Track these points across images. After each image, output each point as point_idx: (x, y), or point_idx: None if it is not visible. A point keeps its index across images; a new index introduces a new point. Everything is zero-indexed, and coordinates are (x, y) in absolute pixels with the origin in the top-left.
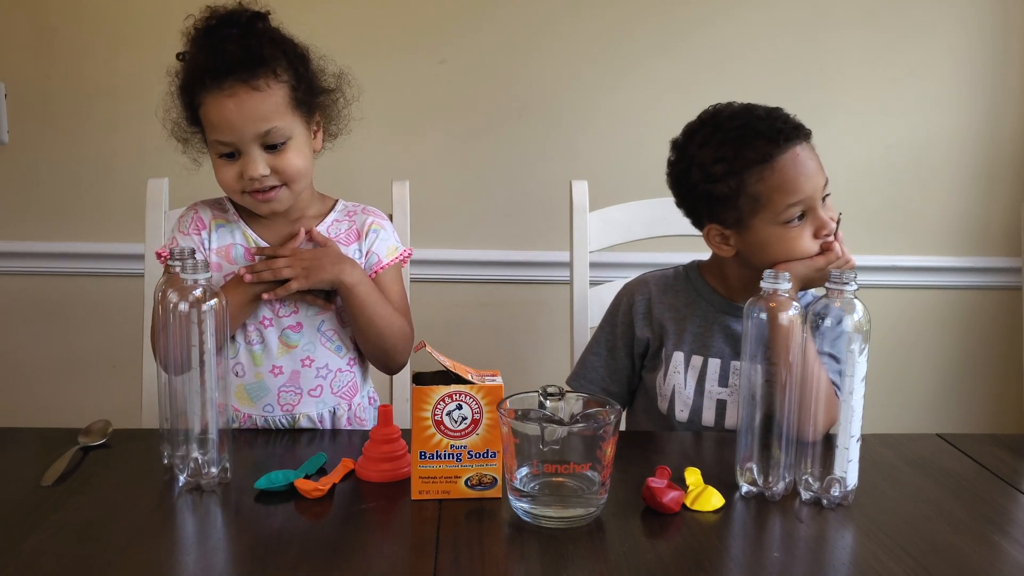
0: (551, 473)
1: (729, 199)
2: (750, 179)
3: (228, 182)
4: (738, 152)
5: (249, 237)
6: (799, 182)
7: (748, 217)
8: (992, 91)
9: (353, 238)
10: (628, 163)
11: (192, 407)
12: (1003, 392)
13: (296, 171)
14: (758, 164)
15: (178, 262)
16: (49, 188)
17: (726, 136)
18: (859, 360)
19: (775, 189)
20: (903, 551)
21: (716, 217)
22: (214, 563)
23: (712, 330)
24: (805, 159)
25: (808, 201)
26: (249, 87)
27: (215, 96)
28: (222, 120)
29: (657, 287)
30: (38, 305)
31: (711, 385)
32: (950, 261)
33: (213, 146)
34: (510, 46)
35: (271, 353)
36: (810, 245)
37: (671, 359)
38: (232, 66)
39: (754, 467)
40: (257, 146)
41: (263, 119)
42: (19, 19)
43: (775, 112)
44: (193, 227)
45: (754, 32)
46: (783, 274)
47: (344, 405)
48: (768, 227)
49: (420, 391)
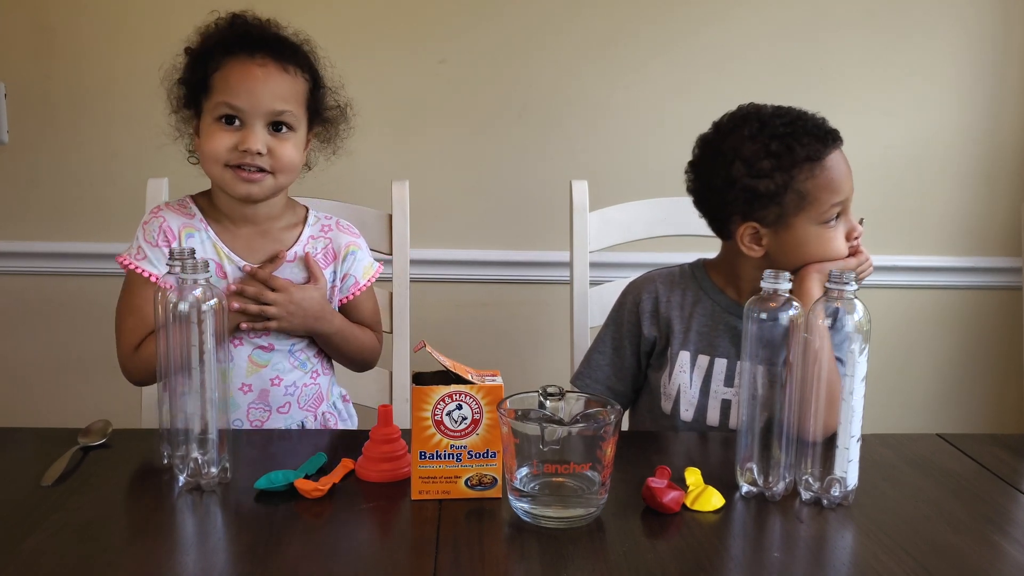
0: (551, 473)
1: (775, 196)
2: (800, 176)
3: (218, 149)
4: (790, 148)
5: (220, 251)
6: (843, 182)
7: (791, 215)
8: (992, 91)
9: (329, 259)
10: (628, 163)
11: (192, 407)
12: (1003, 392)
13: (289, 162)
14: (809, 161)
15: (178, 262)
16: (49, 188)
17: (775, 132)
18: (859, 360)
19: (823, 188)
20: (903, 551)
21: (754, 215)
22: (214, 563)
23: (718, 329)
24: (844, 161)
25: (846, 203)
26: (280, 66)
27: (243, 62)
28: (243, 84)
29: (664, 285)
30: (38, 305)
31: (717, 385)
32: (950, 261)
33: (217, 108)
34: (510, 46)
35: (240, 371)
36: (843, 246)
37: (677, 358)
38: (269, 42)
39: (754, 467)
40: (263, 123)
41: (282, 99)
42: (19, 19)
43: (816, 115)
44: (162, 237)
45: (754, 32)
46: (783, 274)
47: (310, 416)
48: (809, 226)
49: (420, 391)
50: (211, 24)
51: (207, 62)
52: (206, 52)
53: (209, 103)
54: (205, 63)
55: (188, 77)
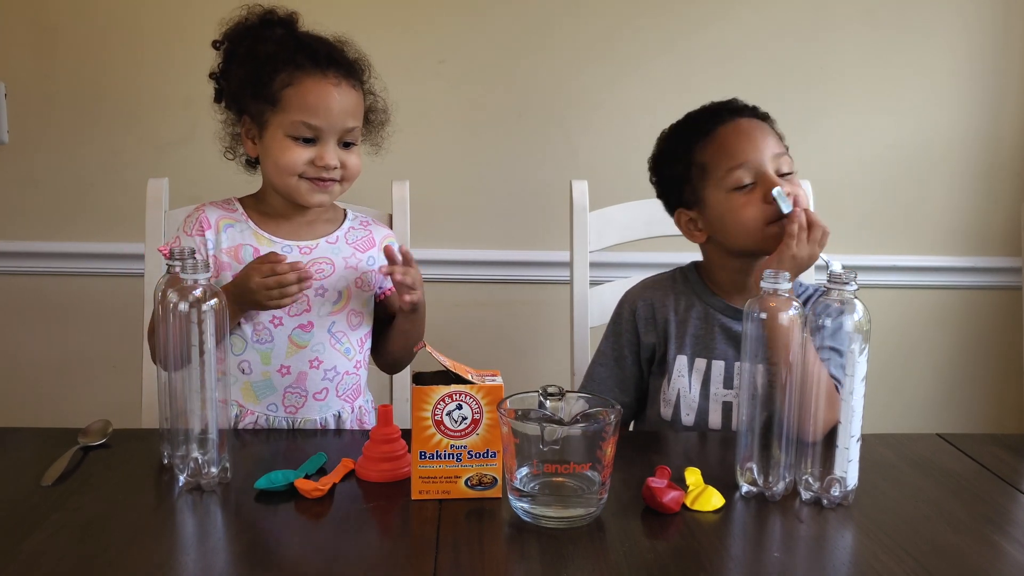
0: (551, 473)
1: (684, 176)
2: (696, 150)
3: (294, 163)
4: (686, 128)
5: (260, 236)
6: (740, 146)
7: (701, 189)
8: (992, 91)
9: (369, 245)
10: (628, 163)
11: (192, 407)
12: (1003, 392)
13: (356, 171)
14: (702, 137)
15: (178, 262)
16: (49, 188)
17: (682, 123)
18: (859, 360)
19: (715, 153)
20: (903, 551)
21: (680, 199)
22: (214, 563)
23: (712, 332)
24: (750, 129)
25: (753, 165)
26: (350, 83)
27: (317, 80)
28: (321, 104)
29: (658, 291)
30: (38, 305)
31: (716, 388)
32: (950, 261)
33: (292, 127)
34: (510, 46)
35: (279, 352)
36: (757, 212)
37: (675, 363)
38: (338, 58)
39: (754, 467)
40: (336, 138)
41: (353, 116)
42: (19, 18)
43: (730, 100)
44: (196, 228)
45: (754, 32)
46: (783, 274)
47: (348, 408)
48: (718, 194)
49: (420, 391)
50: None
51: (273, 73)
52: (269, 62)
53: (281, 118)
54: (271, 74)
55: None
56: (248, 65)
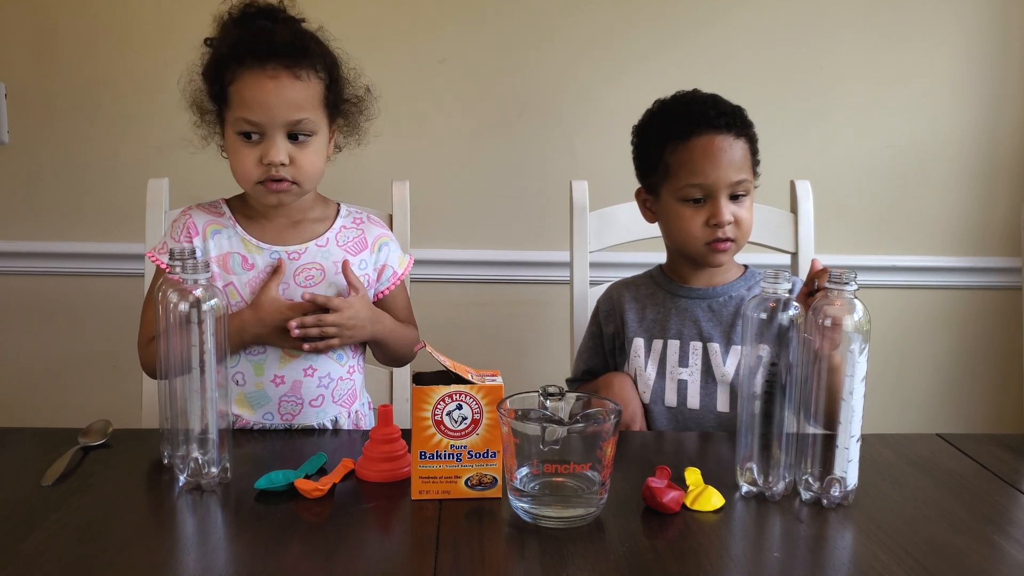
0: (551, 473)
1: (653, 164)
2: (667, 149)
3: (247, 168)
4: (666, 122)
5: (249, 243)
6: (704, 167)
7: (661, 186)
8: (992, 91)
9: (361, 247)
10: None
11: (192, 407)
12: (1003, 392)
13: (312, 171)
14: (676, 139)
15: (178, 262)
16: (49, 188)
17: (667, 108)
18: (859, 360)
19: (682, 164)
20: (903, 551)
21: (644, 180)
22: (214, 563)
23: (669, 314)
24: (722, 149)
25: (708, 188)
26: (292, 74)
27: (255, 75)
28: (257, 99)
29: (624, 288)
30: (38, 305)
31: (672, 367)
32: (950, 261)
33: (236, 124)
34: (510, 46)
35: (273, 363)
36: (698, 230)
37: (631, 345)
38: (279, 49)
39: (754, 467)
40: (283, 133)
41: (298, 107)
42: (20, 18)
43: (716, 99)
44: (184, 234)
45: (754, 32)
46: (783, 274)
47: (344, 413)
48: (672, 200)
49: (420, 391)
50: (224, 14)
51: (223, 72)
52: (222, 60)
53: (229, 116)
54: (222, 73)
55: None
56: (209, 65)
